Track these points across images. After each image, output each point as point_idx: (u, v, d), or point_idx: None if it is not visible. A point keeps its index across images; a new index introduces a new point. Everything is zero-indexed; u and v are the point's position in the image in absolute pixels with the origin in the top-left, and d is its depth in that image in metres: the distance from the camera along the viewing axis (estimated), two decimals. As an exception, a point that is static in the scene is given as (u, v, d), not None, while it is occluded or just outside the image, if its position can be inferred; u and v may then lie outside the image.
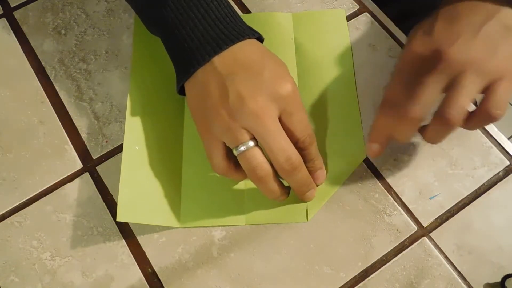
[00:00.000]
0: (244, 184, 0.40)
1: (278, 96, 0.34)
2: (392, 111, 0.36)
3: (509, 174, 0.41)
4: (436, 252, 0.38)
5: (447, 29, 0.35)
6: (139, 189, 0.38)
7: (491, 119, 0.35)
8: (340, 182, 0.40)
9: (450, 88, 0.34)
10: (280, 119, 0.35)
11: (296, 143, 0.35)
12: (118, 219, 0.36)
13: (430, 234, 0.39)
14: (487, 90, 0.35)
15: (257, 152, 0.34)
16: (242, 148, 0.34)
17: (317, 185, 0.38)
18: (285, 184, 0.37)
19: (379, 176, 0.41)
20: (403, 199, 0.40)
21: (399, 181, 0.40)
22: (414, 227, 0.39)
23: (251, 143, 0.34)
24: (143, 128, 0.41)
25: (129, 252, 0.38)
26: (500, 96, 0.35)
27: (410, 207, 0.39)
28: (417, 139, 0.42)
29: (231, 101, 0.34)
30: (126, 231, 0.39)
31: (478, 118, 0.35)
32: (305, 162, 0.36)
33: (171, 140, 0.42)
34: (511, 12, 0.35)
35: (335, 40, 0.46)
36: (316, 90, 0.43)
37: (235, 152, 0.35)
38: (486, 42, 0.35)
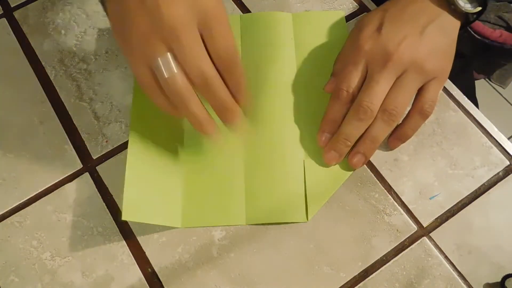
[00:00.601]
0: (245, 184, 0.40)
1: (198, 6, 0.31)
2: (347, 100, 0.39)
3: (509, 174, 0.41)
4: (436, 252, 0.38)
5: (395, 29, 0.39)
6: (143, 188, 0.38)
7: (424, 116, 0.39)
8: (340, 182, 0.40)
9: (393, 85, 0.38)
10: (200, 33, 0.32)
11: (215, 60, 0.33)
12: (123, 218, 0.36)
13: (430, 234, 0.39)
14: (420, 89, 0.39)
15: (174, 64, 0.32)
16: (160, 60, 0.32)
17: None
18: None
19: (379, 176, 0.41)
20: (403, 199, 0.40)
21: (399, 181, 0.40)
22: (414, 227, 0.39)
23: (169, 56, 0.31)
24: (147, 128, 0.41)
25: (129, 252, 0.38)
26: (432, 94, 0.39)
27: (410, 207, 0.40)
28: (418, 140, 0.42)
29: (147, 9, 0.31)
30: (126, 231, 0.39)
31: (412, 116, 0.40)
32: (227, 82, 0.34)
33: (173, 140, 0.42)
34: (449, 16, 0.39)
35: (335, 40, 0.46)
36: (316, 90, 0.43)
37: (153, 67, 0.32)
38: (428, 43, 0.38)
